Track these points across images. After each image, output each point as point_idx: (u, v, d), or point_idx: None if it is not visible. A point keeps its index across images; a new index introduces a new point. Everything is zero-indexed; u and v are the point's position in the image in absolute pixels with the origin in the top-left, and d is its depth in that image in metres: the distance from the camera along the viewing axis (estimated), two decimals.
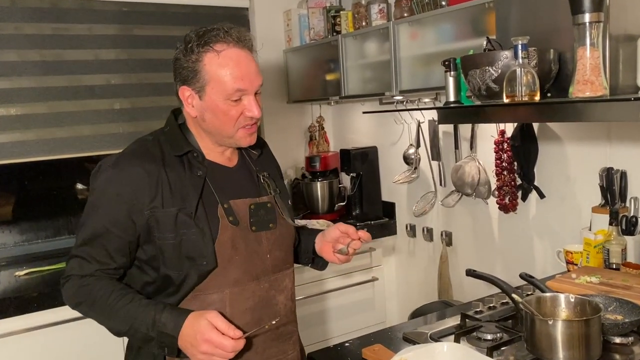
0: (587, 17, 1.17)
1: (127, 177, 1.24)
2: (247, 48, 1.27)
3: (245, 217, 1.31)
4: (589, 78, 1.17)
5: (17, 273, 2.35)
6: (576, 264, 1.92)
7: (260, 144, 1.47)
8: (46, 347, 2.09)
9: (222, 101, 1.24)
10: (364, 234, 1.40)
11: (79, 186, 2.81)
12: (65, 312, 2.07)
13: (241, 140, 1.30)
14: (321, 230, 1.51)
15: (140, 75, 2.85)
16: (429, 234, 2.79)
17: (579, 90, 1.19)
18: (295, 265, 1.49)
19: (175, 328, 1.18)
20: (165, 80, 2.89)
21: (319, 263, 1.55)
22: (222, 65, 1.23)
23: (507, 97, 1.26)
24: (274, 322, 1.25)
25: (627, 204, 1.93)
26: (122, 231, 1.25)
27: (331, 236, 1.44)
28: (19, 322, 2.05)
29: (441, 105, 2.45)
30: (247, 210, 1.32)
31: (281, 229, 1.38)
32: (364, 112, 1.94)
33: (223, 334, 1.15)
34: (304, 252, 1.54)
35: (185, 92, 1.28)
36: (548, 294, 1.35)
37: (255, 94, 1.28)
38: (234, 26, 1.27)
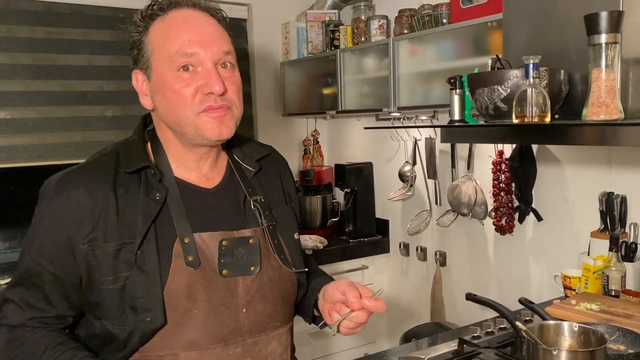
0: (603, 38, 1.15)
1: (65, 203, 0.99)
2: (205, 11, 1.03)
3: (213, 256, 1.01)
4: (604, 100, 1.15)
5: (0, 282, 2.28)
6: (574, 289, 1.88)
7: (260, 157, 1.18)
8: None
9: (168, 72, 0.98)
10: (373, 303, 1.00)
11: None
12: None
13: (205, 128, 0.99)
14: (328, 279, 1.19)
15: None
16: (422, 253, 2.74)
17: (593, 112, 1.16)
18: None
19: None
20: None
21: (325, 327, 1.11)
22: (165, 28, 0.99)
23: (517, 117, 1.22)
24: None
25: (627, 230, 1.91)
26: (60, 269, 0.99)
27: (330, 296, 1.09)
28: None
29: (439, 123, 2.45)
30: (217, 248, 1.02)
31: (269, 273, 1.07)
32: (365, 128, 1.90)
33: None
34: (305, 310, 1.20)
35: (137, 76, 1.05)
36: (551, 322, 1.30)
37: (223, 65, 1.02)
38: None
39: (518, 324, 1.22)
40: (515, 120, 1.22)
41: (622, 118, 1.16)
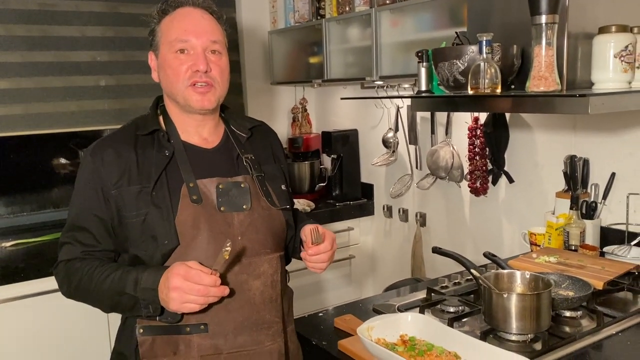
0: (543, 19, 1.27)
1: (99, 160, 1.27)
2: (203, 8, 1.31)
3: (212, 196, 1.28)
4: (544, 74, 1.28)
5: (3, 244, 2.41)
6: (539, 245, 2.04)
7: (252, 127, 1.44)
8: (32, 315, 2.16)
9: (169, 53, 1.27)
10: (314, 249, 1.30)
11: (62, 161, 2.86)
12: (51, 282, 2.15)
13: (191, 99, 1.27)
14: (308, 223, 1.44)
15: (126, 53, 2.88)
16: (404, 214, 2.90)
17: (534, 85, 1.30)
18: None
19: (154, 281, 1.16)
20: None
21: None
22: (170, 20, 1.29)
23: (472, 88, 1.35)
24: (227, 247, 1.13)
25: (589, 190, 2.06)
26: (100, 212, 1.26)
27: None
28: (5, 291, 2.11)
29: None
30: (215, 190, 1.28)
31: (260, 212, 1.32)
32: (342, 98, 2.02)
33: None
34: (295, 250, 1.46)
35: (151, 56, 1.34)
36: (506, 271, 1.46)
37: (212, 52, 1.29)
38: None
39: (474, 272, 1.37)
40: (470, 91, 1.36)
41: (560, 90, 1.29)
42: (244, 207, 1.30)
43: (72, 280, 1.25)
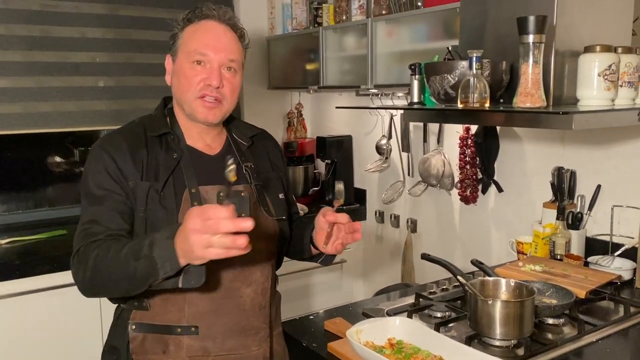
0: (531, 38, 1.33)
1: (113, 152, 1.28)
2: (227, 25, 1.34)
3: (213, 203, 1.26)
4: (530, 91, 1.34)
5: None
6: (526, 254, 2.10)
7: (253, 135, 1.48)
8: (27, 312, 2.19)
9: (185, 62, 1.31)
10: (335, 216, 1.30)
11: (58, 159, 2.89)
12: (46, 280, 2.18)
13: (197, 110, 1.31)
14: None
15: (126, 55, 2.92)
16: (396, 220, 2.95)
17: (521, 101, 1.36)
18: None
19: (170, 233, 1.08)
20: (150, 60, 2.97)
21: (320, 257, 1.47)
22: (194, 30, 1.33)
23: (461, 102, 1.41)
24: (230, 166, 1.08)
25: (575, 201, 2.12)
26: (120, 194, 1.26)
27: (320, 225, 1.37)
28: (0, 289, 2.14)
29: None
30: (216, 197, 1.28)
31: (256, 220, 1.30)
32: (337, 107, 2.08)
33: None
34: (297, 243, 1.48)
35: (168, 59, 1.38)
36: (491, 278, 1.51)
37: (228, 68, 1.32)
38: (227, 9, 1.36)
39: (460, 278, 1.42)
40: (460, 105, 1.41)
41: (545, 106, 1.35)
42: (242, 215, 1.27)
43: (89, 257, 1.18)
